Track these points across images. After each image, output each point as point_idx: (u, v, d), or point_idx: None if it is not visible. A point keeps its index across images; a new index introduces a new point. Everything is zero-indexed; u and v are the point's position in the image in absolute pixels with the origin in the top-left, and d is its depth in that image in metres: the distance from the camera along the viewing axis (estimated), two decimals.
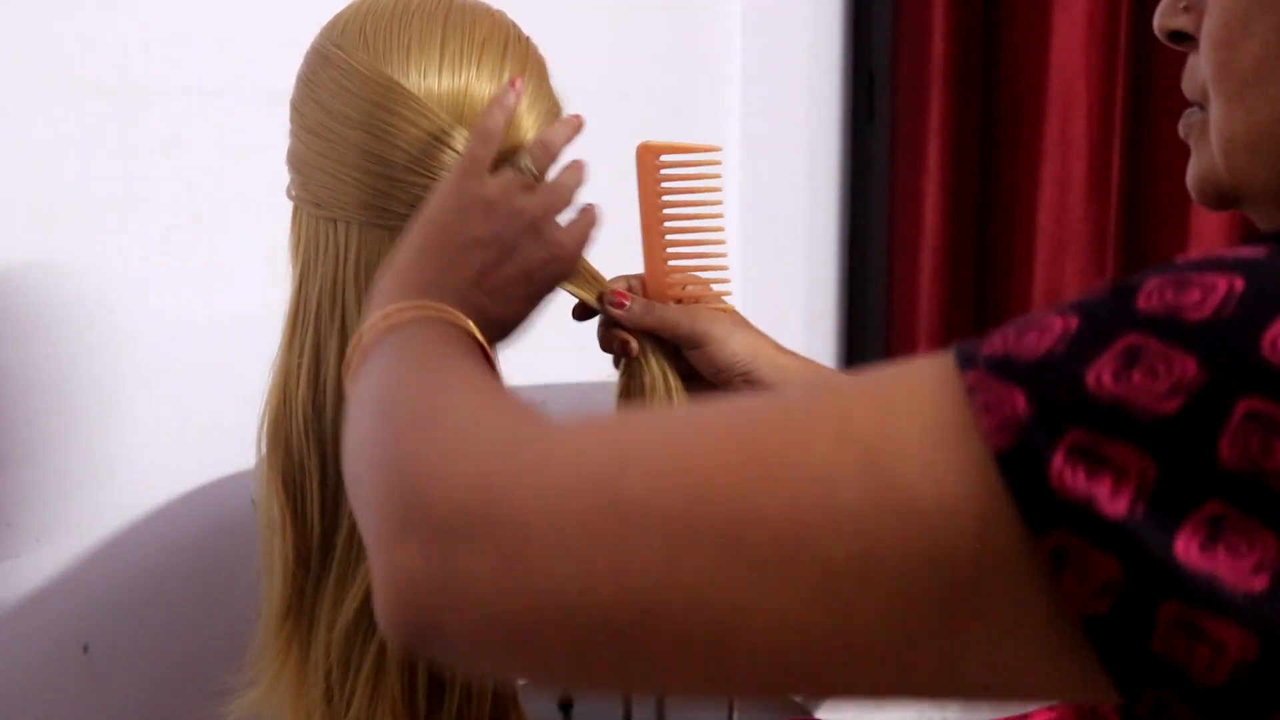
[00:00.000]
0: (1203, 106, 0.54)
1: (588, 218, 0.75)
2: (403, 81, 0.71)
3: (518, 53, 0.75)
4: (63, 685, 1.16)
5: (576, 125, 0.75)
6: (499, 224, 0.69)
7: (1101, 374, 0.38)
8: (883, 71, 2.49)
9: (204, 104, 1.23)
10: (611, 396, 0.83)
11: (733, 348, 0.81)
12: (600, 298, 0.80)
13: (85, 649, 1.17)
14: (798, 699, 1.38)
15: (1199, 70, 0.54)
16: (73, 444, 1.15)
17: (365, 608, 0.74)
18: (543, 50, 0.78)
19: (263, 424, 0.78)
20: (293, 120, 0.75)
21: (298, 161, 0.75)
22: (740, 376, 0.81)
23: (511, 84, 0.72)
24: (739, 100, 2.37)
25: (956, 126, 2.41)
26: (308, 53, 0.75)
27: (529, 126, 0.75)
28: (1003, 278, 2.45)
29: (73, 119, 1.12)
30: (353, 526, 0.74)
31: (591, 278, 0.80)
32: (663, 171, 0.81)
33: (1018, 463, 0.38)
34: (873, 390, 0.42)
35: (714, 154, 0.80)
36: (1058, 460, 0.37)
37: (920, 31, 2.39)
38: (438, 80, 0.71)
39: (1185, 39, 0.56)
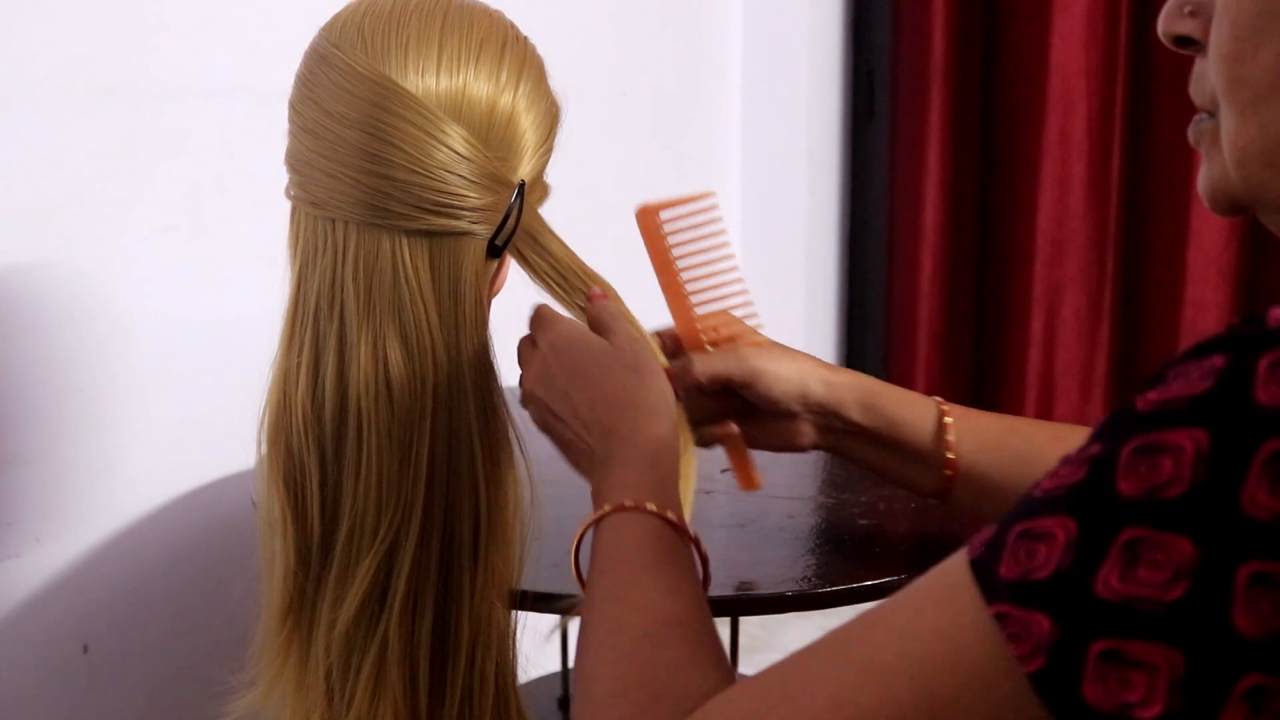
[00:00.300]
0: (1212, 114, 0.54)
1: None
2: (401, 81, 0.71)
3: (516, 53, 0.75)
4: (63, 685, 1.16)
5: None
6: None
7: (1109, 579, 0.40)
8: (883, 71, 2.49)
9: (204, 104, 1.23)
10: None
11: (783, 377, 0.84)
12: None
13: (85, 649, 1.17)
14: None
15: (1207, 77, 0.53)
16: (73, 444, 1.15)
17: (365, 607, 0.74)
18: (542, 50, 0.78)
19: (262, 424, 0.78)
20: (291, 120, 0.75)
21: (296, 161, 0.75)
22: (797, 400, 0.84)
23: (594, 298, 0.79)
24: (739, 100, 2.37)
25: (956, 126, 2.41)
26: (306, 53, 0.75)
27: (526, 127, 0.75)
28: (1003, 278, 2.45)
29: (73, 119, 1.12)
30: (352, 526, 0.74)
31: None
32: (666, 227, 0.82)
33: (1052, 683, 0.41)
34: (914, 650, 0.46)
35: (710, 199, 0.82)
36: (1089, 674, 0.40)
37: (920, 30, 2.39)
38: (435, 80, 0.71)
39: (1191, 44, 0.55)
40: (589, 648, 0.61)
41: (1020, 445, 0.83)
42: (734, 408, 0.85)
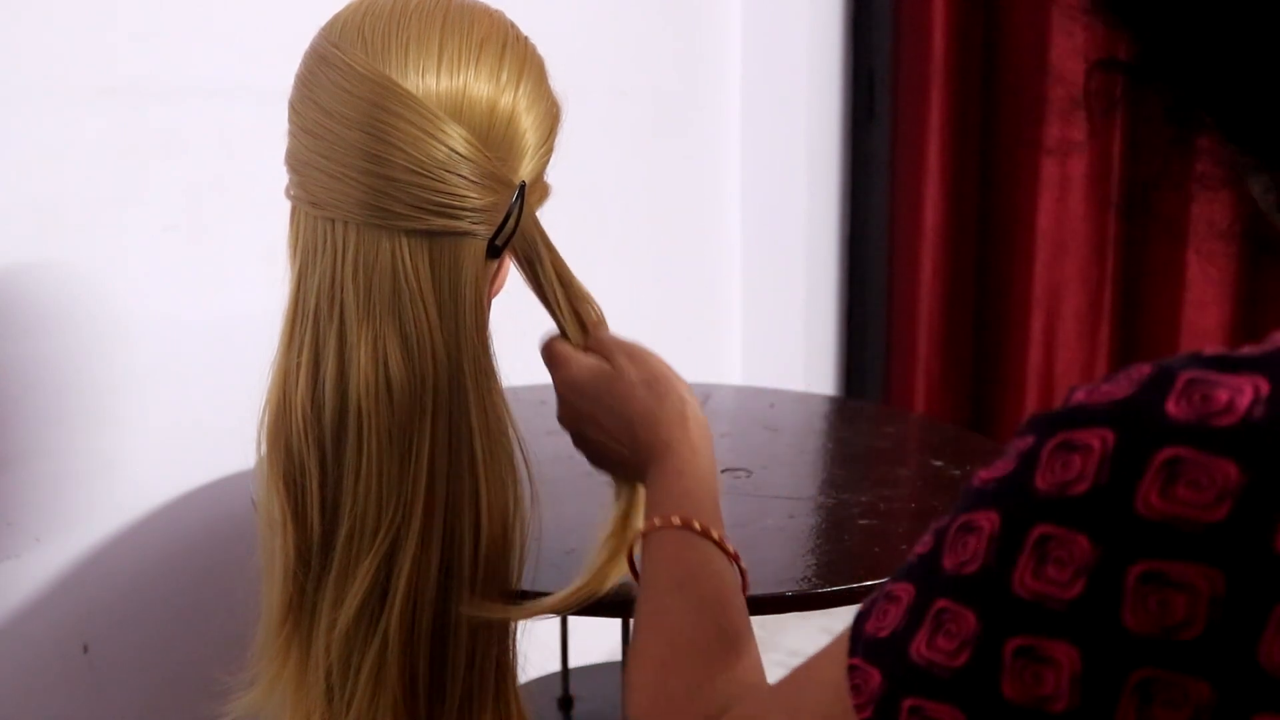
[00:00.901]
0: None
1: None
2: (401, 81, 0.71)
3: (516, 53, 0.75)
4: (63, 685, 1.16)
5: None
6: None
7: (919, 646, 0.45)
8: (883, 71, 2.49)
9: (204, 104, 1.23)
10: None
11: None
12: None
13: (85, 649, 1.17)
14: None
15: None
16: (72, 444, 1.15)
17: (365, 607, 0.74)
18: (542, 50, 0.78)
19: (262, 424, 0.78)
20: (291, 120, 0.75)
21: (296, 161, 0.75)
22: None
23: None
24: (739, 100, 2.37)
25: (956, 126, 2.41)
26: (306, 53, 0.75)
27: (527, 127, 0.75)
28: (1003, 278, 2.45)
29: (73, 119, 1.12)
30: (353, 525, 0.74)
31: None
32: None
33: (979, 673, 0.43)
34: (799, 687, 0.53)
35: None
36: (1007, 670, 0.42)
37: (920, 31, 2.39)
38: (436, 80, 0.71)
39: None
40: (625, 677, 0.67)
41: None
42: None
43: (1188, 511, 0.39)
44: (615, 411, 0.77)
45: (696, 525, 0.70)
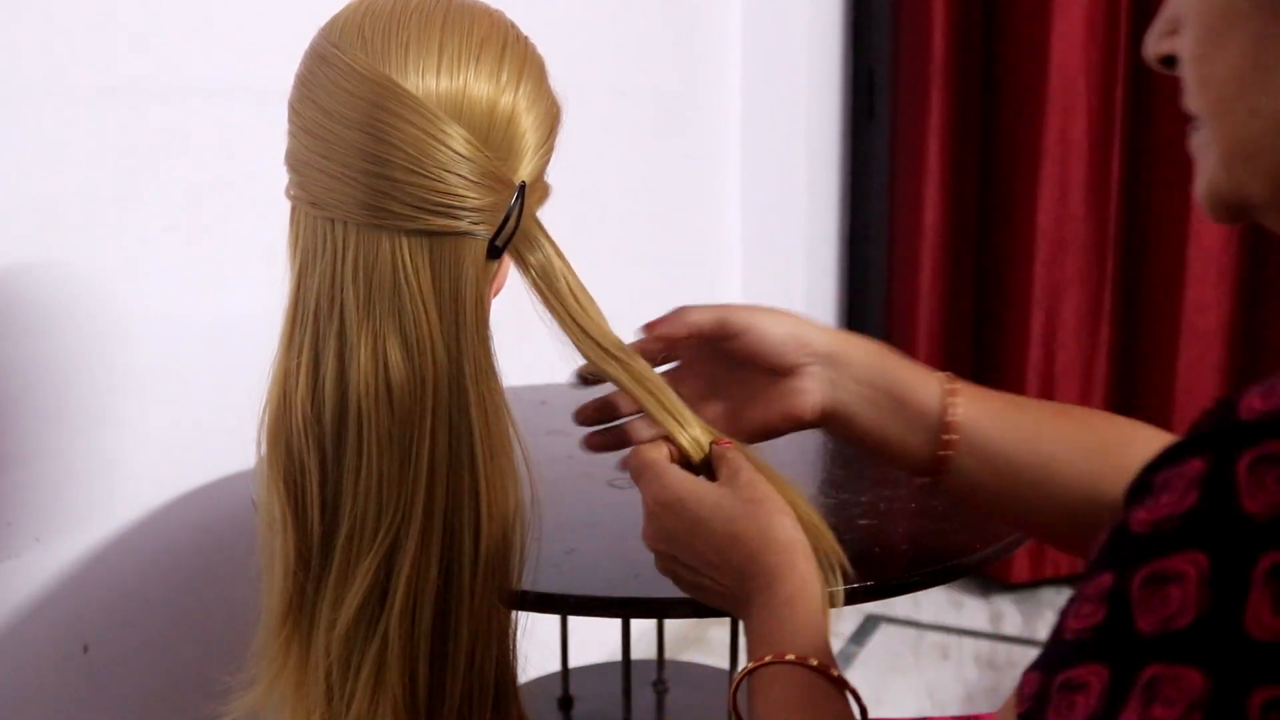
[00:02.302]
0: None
1: None
2: (401, 81, 0.71)
3: (516, 53, 0.75)
4: (63, 686, 1.16)
5: None
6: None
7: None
8: (883, 71, 2.49)
9: (204, 104, 1.23)
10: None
11: (779, 322, 0.81)
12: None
13: (85, 649, 1.17)
14: None
15: None
16: (72, 443, 1.15)
17: (365, 607, 0.74)
18: (542, 50, 0.78)
19: (262, 424, 0.78)
20: (291, 120, 0.75)
21: (295, 161, 0.75)
22: (796, 348, 0.81)
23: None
24: (739, 100, 2.37)
25: (956, 126, 2.41)
26: (305, 53, 0.75)
27: (527, 127, 0.75)
28: (1003, 278, 2.45)
29: (73, 119, 1.12)
30: (352, 526, 0.74)
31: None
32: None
33: None
34: None
35: None
36: None
37: (920, 30, 2.39)
38: (436, 80, 0.71)
39: (1176, 63, 0.55)
40: None
41: (1021, 417, 0.80)
42: (730, 379, 0.83)
43: None
44: (715, 534, 0.72)
45: (814, 662, 0.65)
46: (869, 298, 2.58)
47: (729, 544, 0.71)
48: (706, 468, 0.79)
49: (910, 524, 0.98)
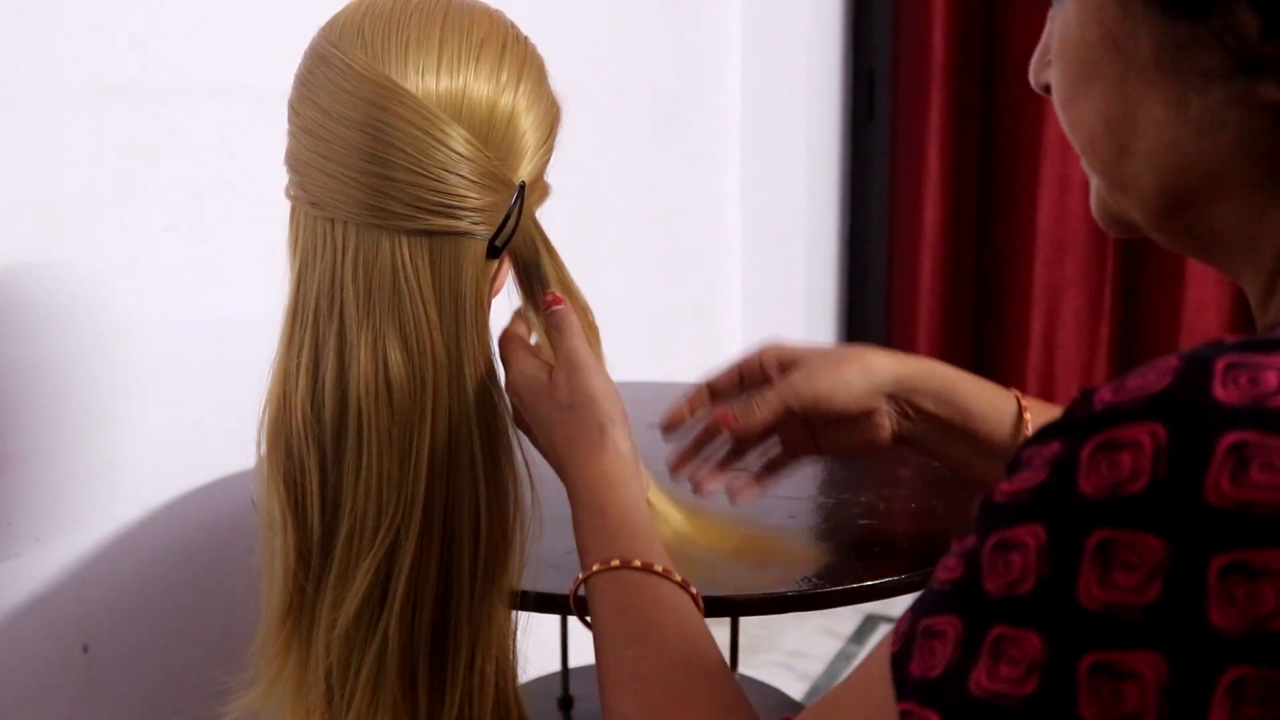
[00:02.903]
0: None
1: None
2: (400, 81, 0.71)
3: (516, 53, 0.75)
4: (63, 685, 1.16)
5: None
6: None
7: (980, 677, 0.42)
8: (883, 71, 2.49)
9: (204, 104, 1.23)
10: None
11: (844, 384, 0.83)
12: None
13: (85, 649, 1.17)
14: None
15: None
16: (72, 443, 1.15)
17: (365, 607, 0.74)
18: (542, 50, 0.78)
19: (262, 424, 0.78)
20: (290, 120, 0.75)
21: (295, 161, 0.75)
22: (869, 399, 0.83)
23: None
24: (739, 100, 2.37)
25: (956, 126, 2.41)
26: (305, 53, 0.75)
27: (527, 127, 0.75)
28: (1003, 278, 2.45)
29: (73, 119, 1.12)
30: (352, 526, 0.74)
31: None
32: None
33: (1052, 697, 0.41)
34: None
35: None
36: (1083, 691, 0.40)
37: (920, 30, 2.40)
38: (435, 80, 0.71)
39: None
40: None
41: None
42: (807, 432, 0.86)
43: (1267, 495, 0.37)
44: (542, 429, 0.75)
45: (637, 562, 0.66)
46: (869, 298, 2.58)
47: (551, 449, 0.74)
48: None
49: (910, 524, 0.98)
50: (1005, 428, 0.82)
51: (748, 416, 0.83)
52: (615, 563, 0.67)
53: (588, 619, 0.69)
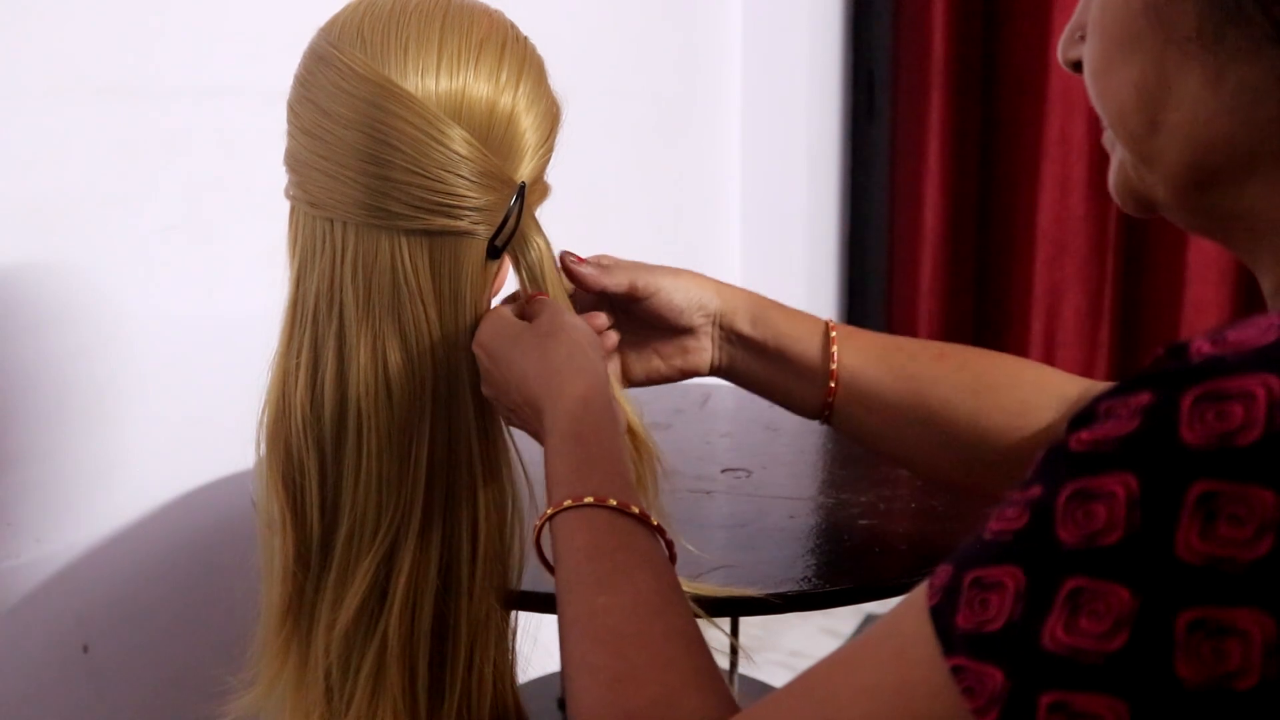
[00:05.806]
0: None
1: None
2: (400, 82, 0.71)
3: (516, 53, 0.75)
4: (63, 685, 1.16)
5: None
6: None
7: (1055, 630, 0.40)
8: (883, 71, 2.49)
9: (204, 104, 1.24)
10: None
11: (682, 286, 0.85)
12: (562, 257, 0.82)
13: (85, 649, 1.17)
14: None
15: None
16: (73, 443, 1.15)
17: (365, 607, 0.74)
18: (542, 50, 0.78)
19: (262, 424, 0.78)
20: (290, 121, 0.75)
21: (295, 162, 0.75)
22: (698, 311, 0.85)
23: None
24: (739, 100, 2.37)
25: (956, 126, 2.41)
26: (305, 53, 0.75)
27: (526, 127, 0.75)
28: (1003, 278, 2.45)
29: (73, 119, 1.12)
30: (352, 526, 0.74)
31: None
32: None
33: None
34: (877, 711, 0.46)
35: None
36: None
37: (920, 30, 2.40)
38: (435, 81, 0.71)
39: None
40: (571, 701, 0.59)
41: (903, 361, 0.84)
42: (633, 328, 0.86)
43: (1230, 551, 0.37)
44: (513, 365, 0.71)
45: (612, 501, 0.62)
46: (869, 298, 2.58)
47: (524, 379, 0.70)
48: None
49: (910, 524, 0.98)
50: (814, 348, 0.84)
51: (600, 271, 0.83)
52: (589, 499, 0.62)
53: (549, 559, 0.65)
